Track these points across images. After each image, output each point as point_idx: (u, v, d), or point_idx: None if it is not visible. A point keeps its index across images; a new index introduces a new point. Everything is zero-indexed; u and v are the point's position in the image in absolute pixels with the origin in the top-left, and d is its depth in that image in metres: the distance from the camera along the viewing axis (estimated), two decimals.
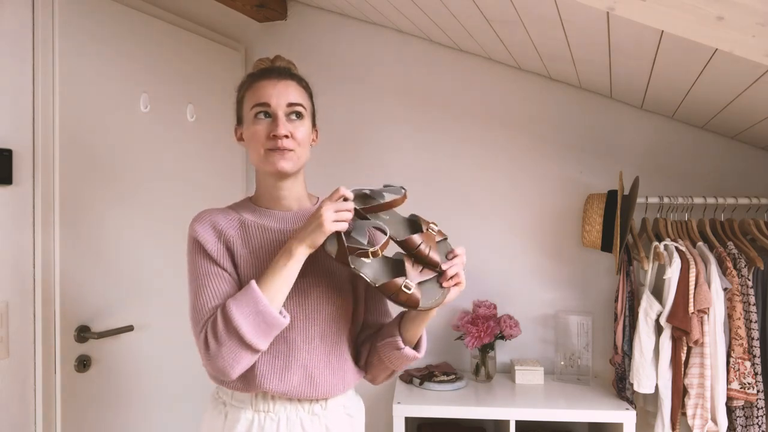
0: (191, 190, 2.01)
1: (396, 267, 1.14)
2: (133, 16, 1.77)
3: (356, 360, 1.29)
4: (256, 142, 1.19)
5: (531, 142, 2.27)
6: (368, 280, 1.10)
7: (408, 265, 1.12)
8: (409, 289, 1.08)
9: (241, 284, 1.18)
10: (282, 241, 1.21)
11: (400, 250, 1.16)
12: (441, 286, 1.12)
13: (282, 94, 1.18)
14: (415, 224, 1.19)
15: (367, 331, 1.32)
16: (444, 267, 1.12)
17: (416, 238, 1.13)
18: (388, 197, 1.18)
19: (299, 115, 1.20)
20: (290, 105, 1.19)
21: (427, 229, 1.17)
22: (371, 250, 1.10)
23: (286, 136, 1.17)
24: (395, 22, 2.21)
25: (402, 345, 1.20)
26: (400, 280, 1.08)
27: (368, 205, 1.17)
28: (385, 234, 1.13)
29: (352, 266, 1.11)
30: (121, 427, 1.74)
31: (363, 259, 1.12)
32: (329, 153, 2.34)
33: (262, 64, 1.27)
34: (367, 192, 1.18)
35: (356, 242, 1.14)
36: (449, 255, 1.15)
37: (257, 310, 1.08)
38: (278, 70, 1.22)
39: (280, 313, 1.12)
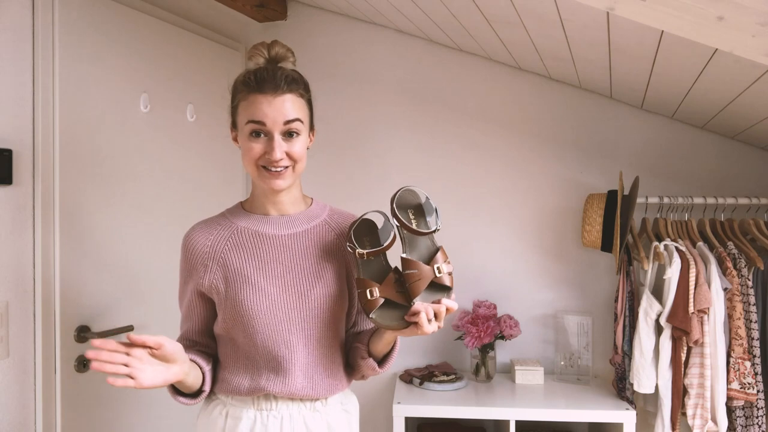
0: (191, 190, 2.01)
1: (382, 272, 1.17)
2: (133, 16, 1.77)
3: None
4: (250, 158, 1.16)
5: (531, 141, 2.26)
6: (357, 269, 1.18)
7: (391, 278, 1.13)
8: (372, 296, 1.12)
9: (234, 294, 1.18)
10: (277, 246, 1.21)
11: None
12: (403, 318, 1.10)
13: (278, 112, 1.12)
14: (434, 252, 1.15)
15: (353, 329, 1.33)
16: (414, 304, 1.09)
17: (413, 263, 1.11)
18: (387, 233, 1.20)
19: (296, 132, 1.15)
20: (287, 123, 1.13)
21: (436, 266, 1.12)
22: (358, 251, 1.14)
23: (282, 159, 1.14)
24: (395, 22, 2.20)
25: (366, 355, 1.23)
26: (372, 284, 1.13)
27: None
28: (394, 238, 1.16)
29: (356, 250, 1.15)
30: (121, 427, 1.74)
31: (359, 251, 1.15)
32: (328, 153, 2.34)
33: (257, 51, 1.19)
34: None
35: (376, 238, 1.21)
36: (434, 299, 1.11)
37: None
38: (274, 82, 1.13)
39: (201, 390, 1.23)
